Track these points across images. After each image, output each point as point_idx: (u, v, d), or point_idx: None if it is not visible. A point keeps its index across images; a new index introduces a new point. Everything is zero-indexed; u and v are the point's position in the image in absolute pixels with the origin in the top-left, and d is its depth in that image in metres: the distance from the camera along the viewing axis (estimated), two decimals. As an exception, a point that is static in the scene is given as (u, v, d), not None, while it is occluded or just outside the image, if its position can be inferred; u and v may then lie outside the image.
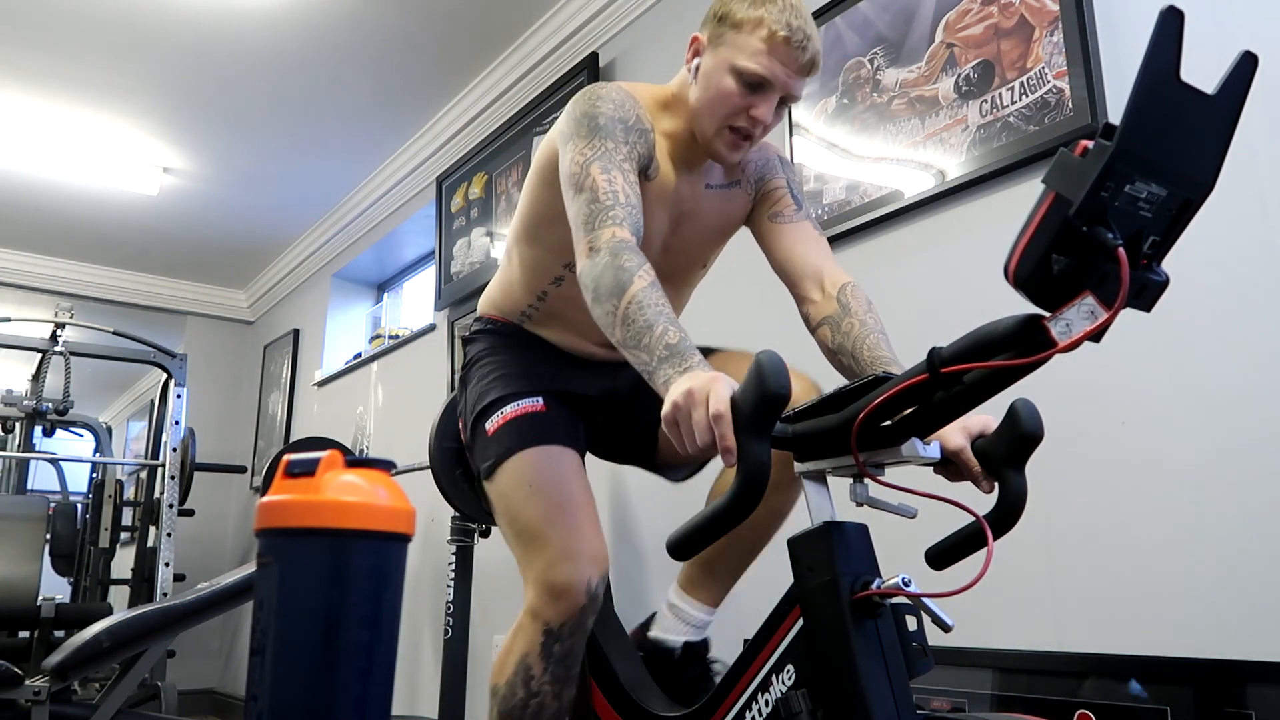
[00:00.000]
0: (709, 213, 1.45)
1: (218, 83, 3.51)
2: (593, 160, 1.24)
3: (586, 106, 1.31)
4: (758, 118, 1.30)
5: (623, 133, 1.29)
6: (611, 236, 1.17)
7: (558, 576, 1.26)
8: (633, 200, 1.23)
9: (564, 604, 1.25)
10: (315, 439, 3.89)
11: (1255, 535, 1.36)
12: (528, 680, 1.27)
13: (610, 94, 1.32)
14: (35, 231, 4.89)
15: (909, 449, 0.94)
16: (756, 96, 1.29)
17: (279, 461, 1.25)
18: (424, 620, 3.46)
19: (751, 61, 1.27)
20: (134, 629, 1.89)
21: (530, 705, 1.27)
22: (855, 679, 0.89)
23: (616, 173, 1.24)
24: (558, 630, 1.26)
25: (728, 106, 1.30)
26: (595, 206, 1.20)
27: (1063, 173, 0.75)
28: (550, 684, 1.27)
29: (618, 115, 1.30)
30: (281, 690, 0.86)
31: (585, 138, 1.27)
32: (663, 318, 1.07)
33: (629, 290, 1.10)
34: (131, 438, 8.37)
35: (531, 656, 1.27)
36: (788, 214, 1.43)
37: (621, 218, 1.19)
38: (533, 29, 3.16)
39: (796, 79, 1.29)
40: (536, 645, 1.26)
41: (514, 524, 1.36)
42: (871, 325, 1.27)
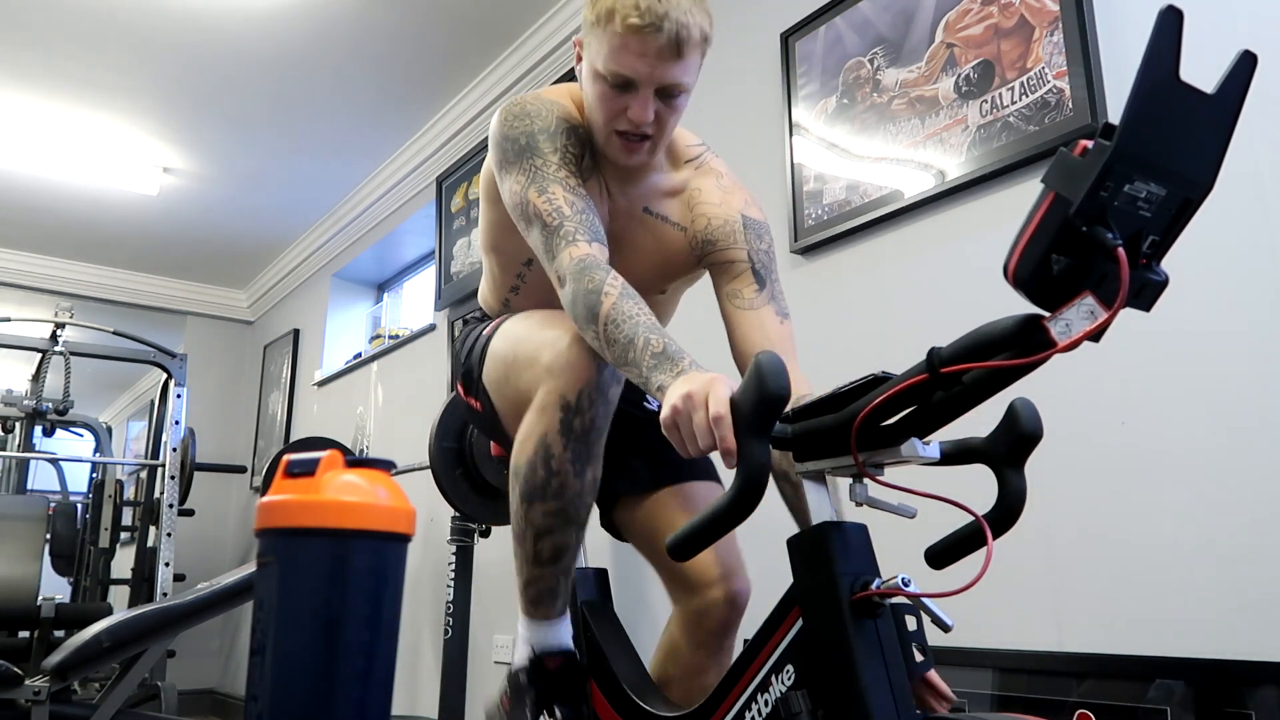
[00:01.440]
0: (646, 238, 1.37)
1: (218, 83, 3.51)
2: (528, 186, 1.22)
3: (507, 129, 1.27)
4: (635, 119, 1.22)
5: (548, 141, 1.25)
6: (569, 258, 1.15)
7: (565, 350, 1.18)
8: (579, 205, 1.20)
9: (578, 370, 1.17)
10: (315, 439, 3.90)
11: (1255, 535, 1.36)
12: (548, 459, 1.20)
13: (528, 107, 1.29)
14: (35, 231, 4.89)
15: (908, 449, 0.93)
16: (627, 96, 1.22)
17: (279, 461, 1.25)
18: (424, 620, 3.46)
19: (609, 62, 1.20)
20: (134, 629, 1.89)
21: (552, 484, 1.21)
22: (855, 679, 0.89)
23: (553, 186, 1.21)
24: (575, 402, 1.17)
25: (605, 112, 1.24)
26: (546, 233, 1.18)
27: (1062, 172, 0.75)
28: (571, 461, 1.20)
29: (539, 126, 1.25)
30: (281, 690, 0.86)
31: (514, 163, 1.25)
32: (641, 328, 1.05)
33: (601, 310, 1.09)
34: (131, 438, 8.37)
35: (551, 434, 1.19)
36: (746, 296, 1.32)
37: (572, 231, 1.17)
38: (533, 29, 3.16)
39: (663, 66, 1.18)
40: (556, 424, 1.19)
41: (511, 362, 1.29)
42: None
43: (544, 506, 1.22)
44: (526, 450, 1.22)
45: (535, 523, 1.24)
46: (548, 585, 1.27)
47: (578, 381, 1.17)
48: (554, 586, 1.27)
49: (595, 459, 1.23)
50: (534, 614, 1.29)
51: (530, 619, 1.30)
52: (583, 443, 1.20)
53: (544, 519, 1.23)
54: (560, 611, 1.30)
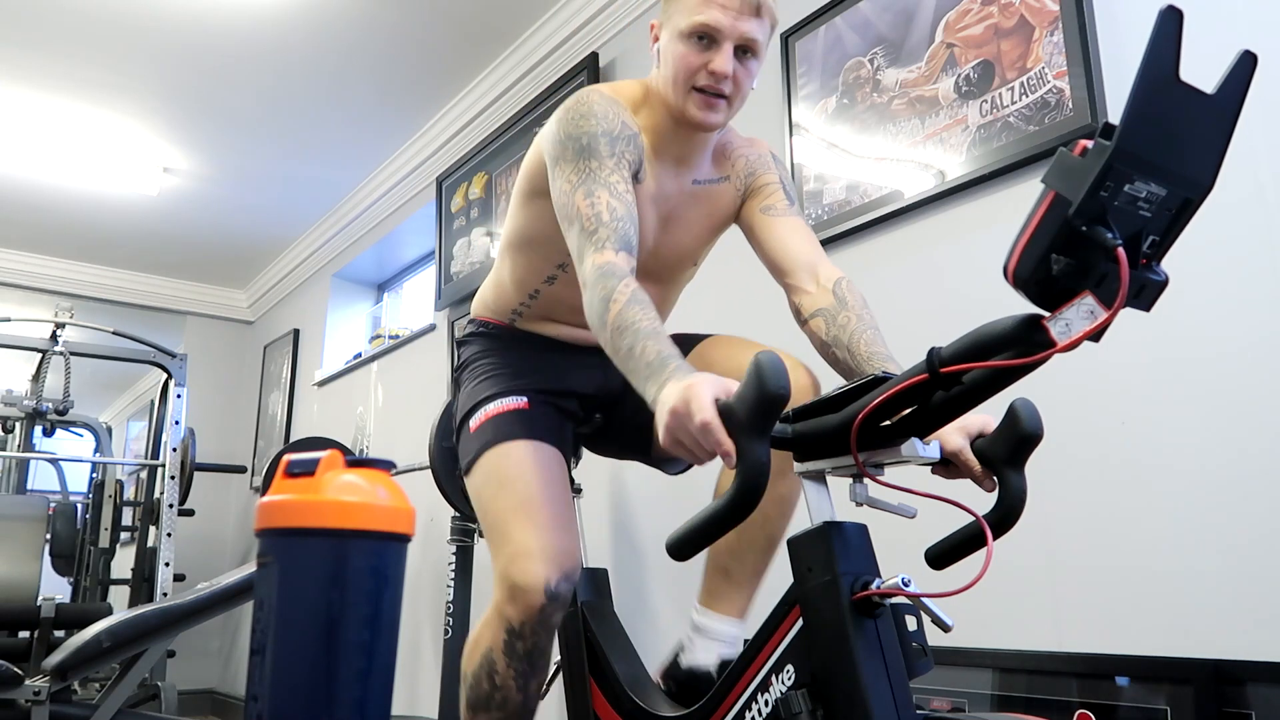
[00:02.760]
0: (697, 208, 1.44)
1: (218, 83, 3.51)
2: (578, 186, 1.25)
3: (570, 127, 1.30)
4: (717, 71, 1.28)
5: (608, 145, 1.28)
6: (593, 264, 1.18)
7: (515, 574, 1.26)
8: (620, 212, 1.22)
9: (522, 603, 1.25)
10: (315, 439, 3.89)
11: (1255, 535, 1.36)
12: (491, 674, 1.29)
13: (594, 106, 1.31)
14: (35, 231, 4.89)
15: (909, 449, 0.93)
16: (710, 51, 1.28)
17: (279, 461, 1.25)
18: (424, 620, 3.46)
19: (693, 15, 1.27)
20: (134, 629, 1.89)
21: (495, 697, 1.29)
22: (855, 679, 0.89)
23: (601, 191, 1.23)
24: (519, 629, 1.26)
25: (686, 69, 1.29)
26: (581, 236, 1.21)
27: (1062, 172, 0.75)
28: (514, 678, 1.28)
29: (602, 129, 1.29)
30: (281, 690, 0.86)
31: (571, 162, 1.27)
32: (640, 335, 1.07)
33: (609, 317, 1.11)
34: (131, 438, 8.37)
35: (495, 652, 1.28)
36: (780, 208, 1.42)
37: (604, 238, 1.19)
38: (533, 29, 3.16)
39: (744, 19, 1.27)
40: (500, 642, 1.27)
41: (484, 518, 1.37)
42: (868, 321, 1.27)
43: (487, 716, 1.31)
44: (473, 661, 1.32)
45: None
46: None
47: (522, 614, 1.25)
48: None
49: (539, 672, 1.31)
50: None
51: None
52: (526, 661, 1.28)
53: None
54: None
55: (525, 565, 1.25)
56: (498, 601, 1.28)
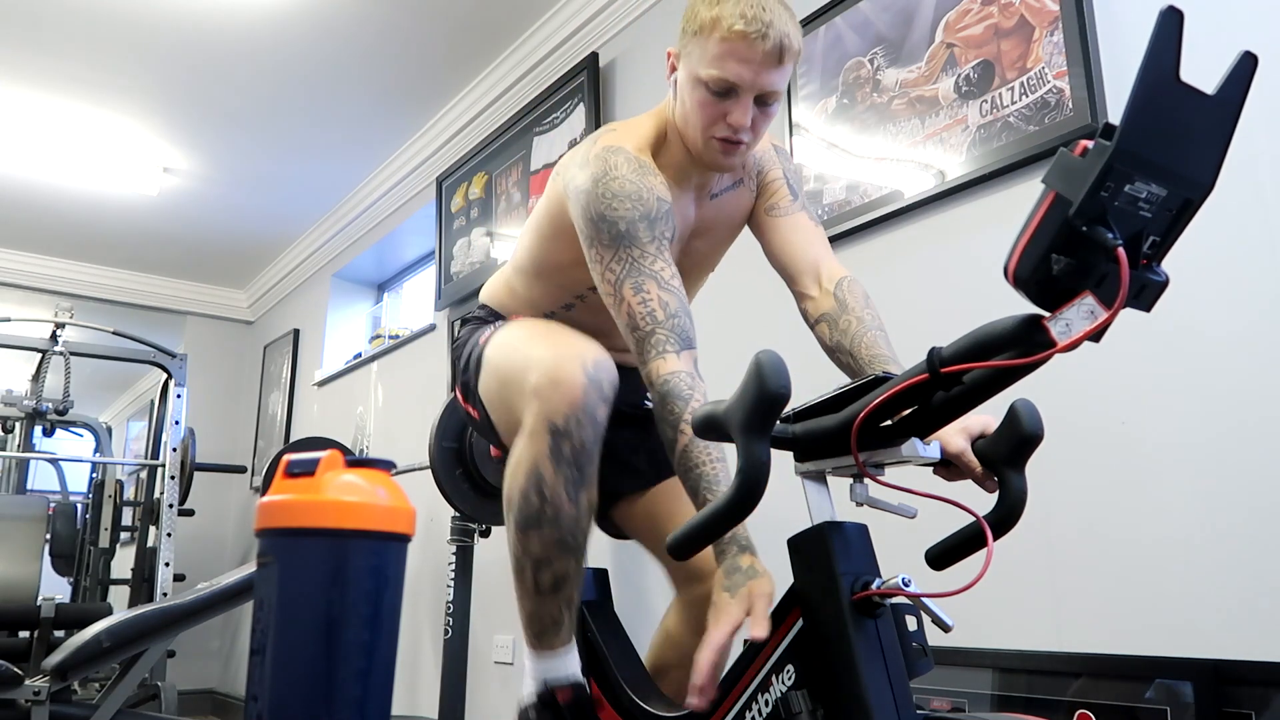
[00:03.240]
0: (716, 221, 1.44)
1: (218, 82, 3.51)
2: (623, 280, 1.21)
3: (603, 207, 1.24)
4: (735, 124, 1.25)
5: (646, 230, 1.23)
6: (658, 372, 1.16)
7: (550, 372, 1.18)
8: (672, 307, 1.20)
9: (563, 393, 1.17)
10: (315, 439, 3.89)
11: (1255, 535, 1.36)
12: (540, 486, 1.19)
13: (625, 185, 1.25)
14: (35, 231, 4.89)
15: (909, 449, 0.93)
16: (729, 102, 1.24)
17: (279, 461, 1.25)
18: (424, 620, 3.46)
19: (712, 68, 1.22)
20: (134, 629, 1.90)
21: (547, 511, 1.20)
22: (855, 679, 0.89)
23: (649, 284, 1.20)
24: (563, 426, 1.17)
25: (704, 118, 1.26)
26: (638, 334, 1.19)
27: (1063, 172, 0.75)
28: (564, 486, 1.19)
29: (638, 213, 1.23)
30: (281, 690, 0.86)
31: (609, 248, 1.23)
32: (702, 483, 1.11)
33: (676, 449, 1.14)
34: (131, 438, 8.37)
35: (541, 461, 1.19)
36: (784, 206, 1.41)
37: (663, 341, 1.17)
38: (533, 29, 3.16)
39: (765, 72, 1.22)
40: (545, 450, 1.18)
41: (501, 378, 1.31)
42: (869, 322, 1.26)
43: (540, 535, 1.22)
44: (518, 479, 1.22)
45: (533, 553, 1.23)
46: (551, 617, 1.26)
47: (564, 405, 1.17)
48: (557, 617, 1.26)
49: (588, 482, 1.22)
50: (539, 646, 1.28)
51: (536, 651, 1.28)
52: (574, 467, 1.19)
53: (541, 548, 1.22)
54: (565, 641, 1.28)
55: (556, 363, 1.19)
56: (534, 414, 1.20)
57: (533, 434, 1.20)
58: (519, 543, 1.24)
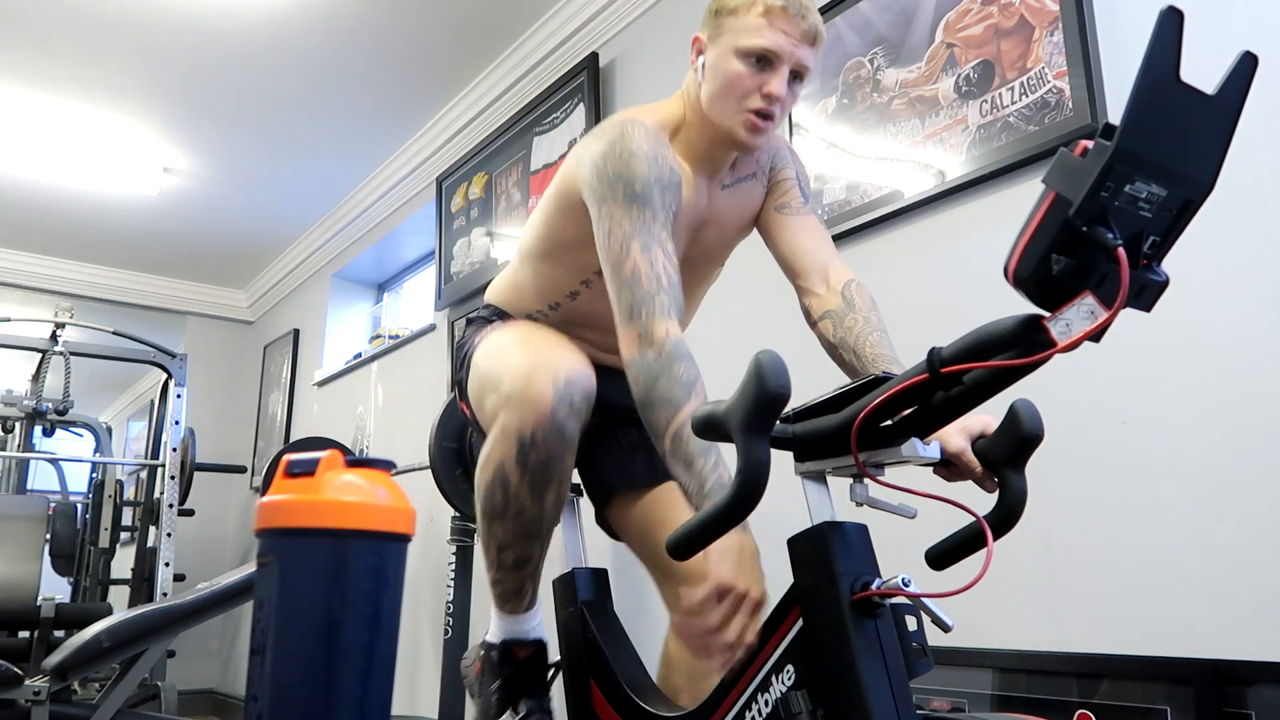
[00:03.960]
0: (728, 213, 1.44)
1: (218, 82, 3.51)
2: (632, 237, 1.22)
3: (620, 166, 1.26)
4: (772, 93, 1.27)
5: (659, 194, 1.25)
6: (665, 335, 1.16)
7: (520, 384, 1.21)
8: (674, 278, 1.22)
9: (531, 406, 1.20)
10: (315, 439, 3.89)
11: (1255, 535, 1.36)
12: (504, 486, 1.25)
13: (641, 146, 1.27)
14: (35, 231, 4.89)
15: (909, 449, 0.93)
16: (767, 73, 1.28)
17: (279, 461, 1.25)
18: (424, 620, 3.46)
19: (754, 38, 1.26)
20: (134, 629, 1.90)
21: (510, 508, 1.26)
22: (855, 679, 0.89)
23: (657, 249, 1.22)
24: (530, 437, 1.21)
25: (740, 89, 1.29)
26: (640, 294, 1.19)
27: (1063, 173, 0.75)
28: (528, 490, 1.24)
29: (653, 175, 1.25)
30: (281, 690, 0.86)
31: (622, 206, 1.24)
32: (713, 450, 1.09)
33: (683, 411, 1.10)
34: (131, 438, 8.37)
35: (508, 464, 1.23)
36: (794, 205, 1.43)
37: (667, 305, 1.18)
38: (533, 29, 3.16)
39: (802, 47, 1.28)
40: (512, 455, 1.23)
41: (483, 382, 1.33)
42: (875, 323, 1.27)
43: (502, 525, 1.29)
44: (485, 474, 1.27)
45: (497, 537, 1.30)
46: (514, 588, 1.34)
47: (532, 418, 1.20)
48: (519, 587, 1.34)
49: (554, 482, 1.25)
50: (502, 608, 1.37)
51: (499, 612, 1.37)
52: (540, 472, 1.23)
53: (504, 535, 1.30)
54: (528, 606, 1.37)
55: (529, 375, 1.21)
56: (504, 420, 1.23)
57: (502, 437, 1.24)
58: (484, 527, 1.31)
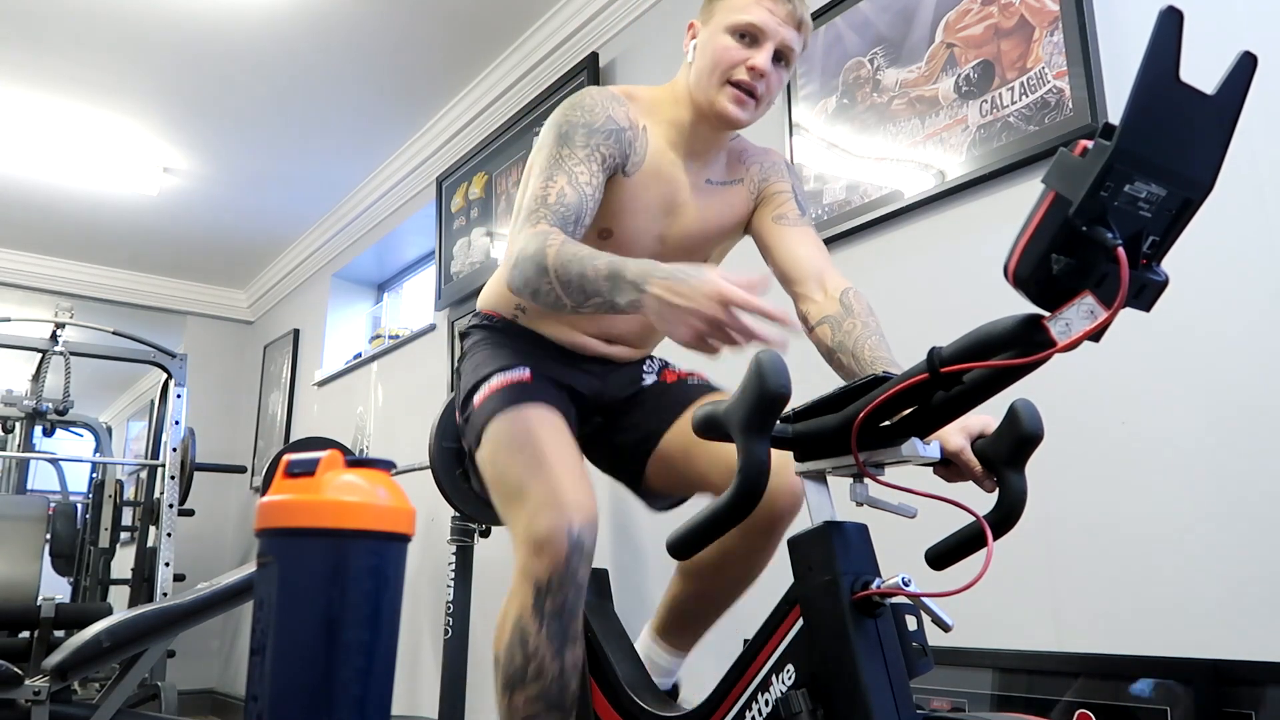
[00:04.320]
0: (708, 207, 1.46)
1: (218, 82, 3.51)
2: (540, 171, 1.31)
3: (558, 116, 1.36)
4: (757, 67, 1.33)
5: (584, 136, 1.32)
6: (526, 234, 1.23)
7: (538, 527, 1.23)
8: (567, 198, 1.27)
9: (547, 555, 1.22)
10: (315, 439, 3.89)
11: (1255, 535, 1.36)
12: (524, 642, 1.23)
13: (585, 100, 1.36)
14: (35, 231, 4.89)
15: (909, 449, 0.93)
16: (753, 49, 1.34)
17: (279, 461, 1.25)
18: (424, 620, 3.46)
19: (741, 14, 1.33)
20: (134, 629, 1.89)
21: (530, 668, 1.23)
22: (855, 679, 0.89)
23: (560, 176, 1.29)
24: (545, 584, 1.22)
25: (726, 61, 1.34)
26: (522, 214, 1.28)
27: (1062, 172, 0.75)
28: (547, 642, 1.23)
29: (583, 120, 1.34)
30: (281, 690, 0.86)
31: (547, 149, 1.34)
32: (584, 261, 1.13)
33: (548, 261, 1.17)
34: (131, 438, 8.37)
35: (525, 617, 1.23)
36: (791, 217, 1.46)
37: (540, 216, 1.25)
38: (533, 29, 3.16)
39: (787, 28, 1.34)
40: (529, 604, 1.23)
41: (498, 486, 1.35)
42: (873, 327, 1.29)
43: (525, 693, 1.24)
44: (504, 635, 1.26)
45: (518, 712, 1.25)
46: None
47: (548, 567, 1.22)
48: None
49: (573, 640, 1.25)
50: None
51: None
52: (557, 620, 1.23)
53: (526, 706, 1.24)
54: None
55: (547, 516, 1.23)
56: (521, 566, 1.24)
57: (516, 592, 1.25)
58: (505, 703, 1.27)
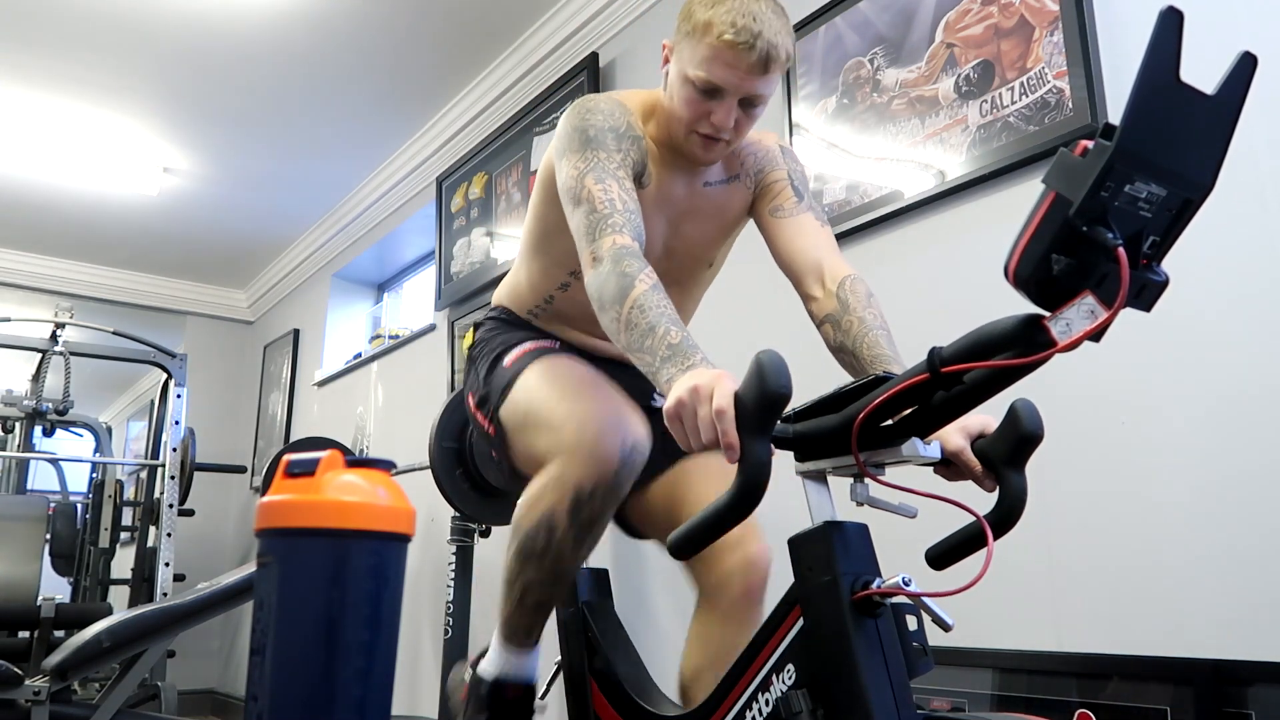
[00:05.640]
0: (708, 210, 1.45)
1: (218, 82, 3.51)
2: (586, 172, 1.27)
3: (577, 120, 1.33)
4: (717, 124, 1.30)
5: (614, 140, 1.31)
6: (612, 244, 1.19)
7: (588, 434, 1.20)
8: (630, 206, 1.25)
9: (597, 465, 1.19)
10: (315, 439, 3.89)
11: (1255, 535, 1.36)
12: (550, 531, 1.23)
13: (600, 105, 1.35)
14: (35, 231, 4.89)
15: (909, 449, 0.93)
16: (713, 102, 1.29)
17: (279, 461, 1.25)
18: (424, 620, 3.46)
19: (699, 69, 1.27)
20: (134, 629, 1.89)
21: (550, 554, 1.25)
22: (855, 679, 0.89)
23: (611, 181, 1.26)
24: (589, 493, 1.20)
25: (688, 114, 1.31)
26: (594, 217, 1.22)
27: (1063, 172, 0.75)
28: (572, 540, 1.23)
29: (608, 124, 1.32)
30: (281, 690, 0.86)
31: (578, 151, 1.30)
32: (664, 319, 1.09)
33: (631, 294, 1.12)
34: (131, 438, 8.37)
35: (558, 514, 1.22)
36: (788, 207, 1.43)
37: (620, 224, 1.21)
38: (533, 29, 3.16)
39: (751, 79, 1.27)
40: (565, 505, 1.22)
41: (533, 413, 1.32)
42: (870, 322, 1.27)
43: (537, 569, 1.27)
44: (531, 516, 1.25)
45: (525, 578, 1.28)
46: (525, 626, 1.33)
47: (595, 476, 1.20)
48: (530, 627, 1.33)
49: (594, 540, 1.27)
50: (508, 642, 1.35)
51: (503, 644, 1.35)
52: (586, 528, 1.23)
53: (534, 577, 1.28)
54: (532, 645, 1.35)
55: (599, 425, 1.21)
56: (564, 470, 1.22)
57: (558, 484, 1.23)
58: (515, 565, 1.29)
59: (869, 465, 0.95)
